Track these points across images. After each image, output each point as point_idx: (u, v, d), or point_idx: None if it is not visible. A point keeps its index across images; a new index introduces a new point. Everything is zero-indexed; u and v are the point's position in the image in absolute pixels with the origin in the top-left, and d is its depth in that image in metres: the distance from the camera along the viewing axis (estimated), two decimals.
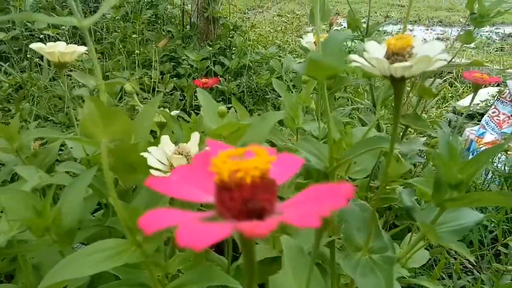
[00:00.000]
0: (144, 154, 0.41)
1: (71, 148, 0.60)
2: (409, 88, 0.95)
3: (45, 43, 0.58)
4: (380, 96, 1.03)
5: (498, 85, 2.47)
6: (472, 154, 1.85)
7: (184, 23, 2.18)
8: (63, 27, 1.98)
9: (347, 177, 0.55)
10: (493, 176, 1.38)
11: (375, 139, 0.39)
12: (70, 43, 0.59)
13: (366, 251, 0.42)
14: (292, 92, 1.87)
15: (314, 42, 0.55)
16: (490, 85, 2.35)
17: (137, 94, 0.64)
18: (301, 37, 0.59)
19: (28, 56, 1.79)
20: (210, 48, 1.83)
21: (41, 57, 1.76)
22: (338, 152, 0.41)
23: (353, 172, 0.55)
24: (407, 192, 0.40)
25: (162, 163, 0.42)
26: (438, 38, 5.47)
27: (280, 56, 2.10)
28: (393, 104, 1.09)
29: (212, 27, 2.05)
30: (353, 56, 0.33)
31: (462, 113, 2.08)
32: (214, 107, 0.49)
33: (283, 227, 0.49)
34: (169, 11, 2.28)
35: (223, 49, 2.05)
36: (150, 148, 0.42)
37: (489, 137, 2.10)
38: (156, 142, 0.46)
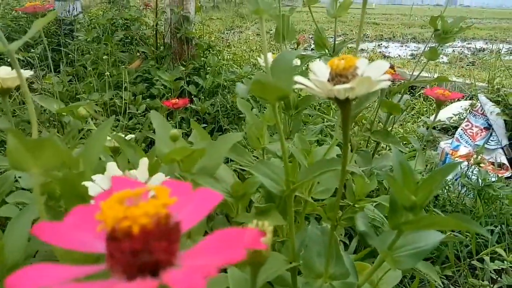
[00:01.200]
0: (87, 183, 0.38)
1: (19, 177, 0.57)
2: (376, 104, 0.95)
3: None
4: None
5: (470, 98, 2.53)
6: None
7: (158, 44, 2.17)
8: (32, 50, 1.94)
9: (310, 198, 0.53)
10: (467, 190, 1.38)
11: (330, 161, 0.38)
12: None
13: (326, 277, 0.40)
14: (265, 109, 1.86)
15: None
16: (456, 100, 2.41)
17: (93, 118, 0.61)
18: (259, 57, 0.58)
19: None
20: (183, 68, 1.81)
21: None
22: (294, 174, 0.39)
23: (316, 193, 0.54)
24: (362, 216, 0.38)
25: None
26: (412, 54, 5.63)
27: (254, 75, 2.10)
28: (362, 121, 1.09)
29: (186, 47, 2.05)
30: (298, 78, 0.31)
31: (435, 127, 2.12)
32: (168, 130, 0.47)
33: None
34: (142, 32, 2.27)
35: (197, 69, 2.04)
36: (95, 177, 0.40)
37: (464, 149, 2.14)
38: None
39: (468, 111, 2.32)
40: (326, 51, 0.97)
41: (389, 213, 0.34)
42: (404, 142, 1.18)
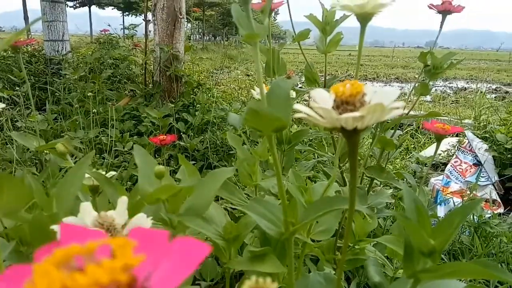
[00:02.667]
0: (54, 227, 0.33)
1: None
2: (370, 140, 0.93)
3: None
4: (338, 149, 1.00)
5: (457, 135, 2.55)
6: (440, 205, 1.85)
7: (147, 82, 2.16)
8: (17, 88, 1.90)
9: (309, 239, 0.49)
10: (463, 227, 1.35)
11: (334, 199, 0.34)
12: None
13: None
14: (256, 145, 1.84)
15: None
16: (451, 135, 2.42)
17: (72, 155, 0.56)
18: (253, 89, 0.56)
19: None
20: (173, 105, 1.79)
21: None
22: (294, 214, 0.35)
23: (316, 233, 0.49)
24: (373, 263, 0.34)
25: None
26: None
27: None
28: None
29: (175, 85, 2.04)
30: (298, 106, 0.28)
31: (426, 164, 2.11)
32: (152, 166, 0.43)
33: None
34: (131, 71, 2.26)
35: (186, 106, 2.02)
36: (66, 219, 0.35)
37: (455, 186, 2.12)
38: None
39: (456, 148, 2.33)
40: (317, 86, 0.96)
41: (404, 259, 0.30)
42: (398, 179, 1.15)
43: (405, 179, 1.03)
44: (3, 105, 0.48)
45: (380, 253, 0.69)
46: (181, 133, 1.82)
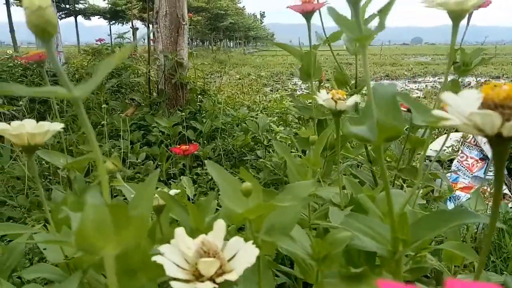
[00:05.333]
0: (157, 259, 0.30)
1: (44, 249, 0.48)
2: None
3: (3, 121, 0.48)
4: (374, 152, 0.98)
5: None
6: (449, 201, 1.83)
7: (151, 90, 2.12)
8: (21, 102, 1.85)
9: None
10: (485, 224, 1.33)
11: (455, 213, 0.31)
12: (28, 119, 0.49)
13: None
14: (269, 152, 1.81)
15: (332, 98, 0.49)
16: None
17: (120, 172, 0.53)
18: (317, 94, 0.53)
19: None
20: (182, 113, 1.76)
21: None
22: (405, 231, 0.33)
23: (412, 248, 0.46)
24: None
25: (180, 266, 0.32)
26: None
27: (252, 117, 2.06)
28: (387, 158, 1.04)
29: (181, 92, 2.01)
30: (437, 112, 0.26)
31: (430, 159, 2.11)
32: (233, 183, 0.40)
33: None
34: (133, 80, 2.22)
35: (193, 113, 1.99)
36: (163, 248, 0.31)
37: (463, 181, 2.13)
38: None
39: (461, 143, 2.33)
40: (348, 88, 0.93)
41: None
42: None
43: (441, 180, 1.02)
44: (61, 125, 0.45)
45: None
46: (192, 141, 1.78)
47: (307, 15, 0.76)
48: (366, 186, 0.73)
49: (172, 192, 0.49)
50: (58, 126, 0.45)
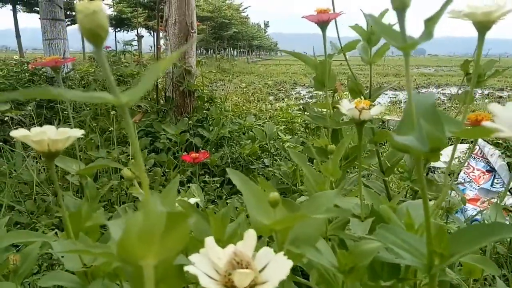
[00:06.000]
0: (190, 269, 0.29)
1: (61, 257, 0.47)
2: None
3: (11, 126, 0.48)
4: (387, 160, 0.97)
5: (468, 142, 2.55)
6: (456, 213, 1.82)
7: (158, 97, 2.12)
8: (28, 107, 1.85)
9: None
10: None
11: (496, 226, 0.30)
12: (35, 125, 0.49)
13: None
14: (275, 161, 1.80)
15: (356, 108, 0.48)
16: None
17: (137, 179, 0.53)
18: (338, 104, 0.53)
19: None
20: (190, 121, 1.76)
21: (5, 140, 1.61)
22: (443, 245, 0.32)
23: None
24: None
25: (211, 277, 0.31)
26: (391, 101, 5.82)
27: (259, 125, 2.06)
28: (399, 169, 1.03)
29: (188, 100, 2.01)
30: (488, 124, 0.25)
31: (452, 172, 2.10)
32: (256, 193, 0.39)
33: None
34: None
35: (201, 120, 1.99)
36: (193, 258, 0.31)
37: (470, 193, 2.11)
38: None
39: (467, 155, 2.32)
40: (362, 97, 0.93)
41: None
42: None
43: (455, 191, 1.01)
44: (82, 131, 0.45)
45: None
46: (199, 149, 1.78)
47: (323, 25, 0.76)
48: (382, 196, 0.73)
49: (192, 200, 0.48)
50: (78, 132, 0.44)
